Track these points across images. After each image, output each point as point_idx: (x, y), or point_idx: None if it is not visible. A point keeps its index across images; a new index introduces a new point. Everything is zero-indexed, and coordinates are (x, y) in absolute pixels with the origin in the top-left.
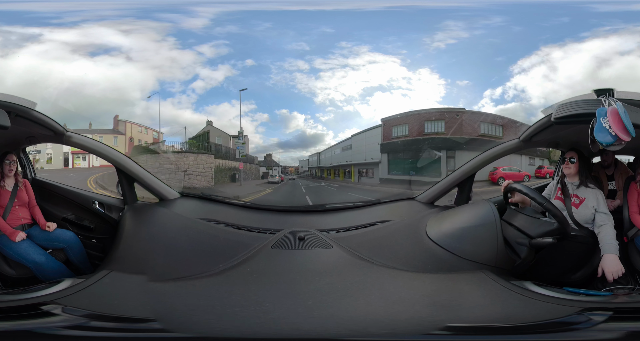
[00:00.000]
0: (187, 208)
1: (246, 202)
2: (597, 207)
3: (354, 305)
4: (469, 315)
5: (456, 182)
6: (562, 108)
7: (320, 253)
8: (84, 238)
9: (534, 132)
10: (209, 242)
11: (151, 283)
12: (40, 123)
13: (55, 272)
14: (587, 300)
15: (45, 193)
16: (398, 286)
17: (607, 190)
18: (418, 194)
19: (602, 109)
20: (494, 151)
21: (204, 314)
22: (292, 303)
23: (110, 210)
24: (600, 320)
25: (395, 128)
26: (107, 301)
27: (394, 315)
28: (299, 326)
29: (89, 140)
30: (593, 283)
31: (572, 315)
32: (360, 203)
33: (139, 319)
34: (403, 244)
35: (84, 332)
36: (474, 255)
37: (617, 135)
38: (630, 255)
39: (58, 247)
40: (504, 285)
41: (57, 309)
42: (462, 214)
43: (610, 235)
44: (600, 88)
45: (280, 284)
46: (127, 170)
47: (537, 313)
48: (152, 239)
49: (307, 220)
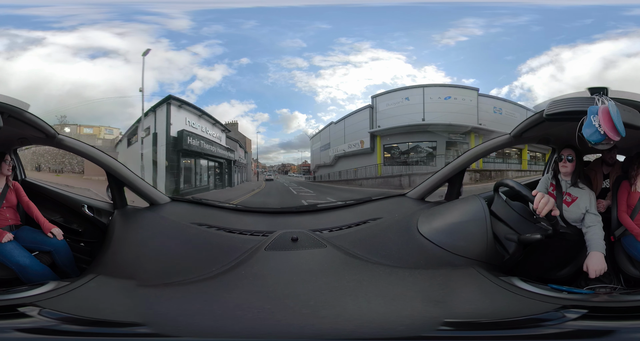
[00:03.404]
0: (178, 213)
1: (237, 205)
2: (589, 208)
3: (356, 303)
4: (461, 311)
5: (446, 178)
6: (554, 105)
7: (314, 253)
8: (72, 242)
9: (525, 127)
10: (201, 246)
11: (140, 288)
12: (33, 125)
13: (39, 275)
14: (568, 297)
15: (34, 196)
16: (393, 283)
17: (600, 188)
18: (409, 190)
19: (594, 107)
20: (484, 146)
21: (202, 318)
22: (294, 304)
23: (100, 214)
24: (572, 318)
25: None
26: (92, 305)
27: (395, 312)
28: (308, 327)
29: (79, 143)
30: (577, 280)
31: (550, 311)
32: (352, 202)
33: (124, 323)
34: (395, 241)
35: (47, 336)
36: (464, 251)
37: (605, 133)
38: (616, 255)
39: (44, 250)
40: (492, 280)
41: (34, 311)
42: (453, 210)
43: (599, 234)
44: (595, 87)
45: (278, 285)
46: (117, 174)
47: (520, 309)
48: (142, 244)
49: (299, 220)
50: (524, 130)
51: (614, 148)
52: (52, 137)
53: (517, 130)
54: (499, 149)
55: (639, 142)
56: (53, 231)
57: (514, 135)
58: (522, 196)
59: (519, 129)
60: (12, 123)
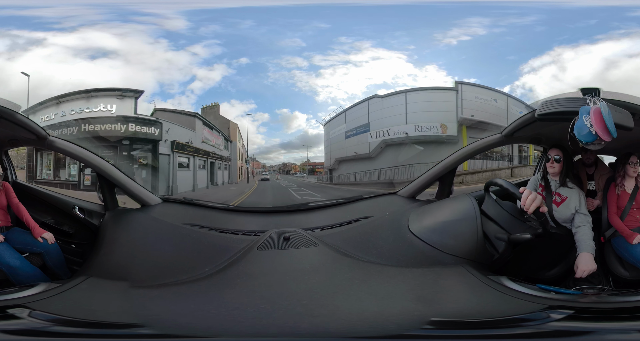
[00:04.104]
0: (170, 214)
1: (229, 205)
2: (579, 208)
3: (348, 302)
4: (449, 310)
5: (437, 176)
6: (546, 105)
7: (306, 251)
8: (63, 243)
9: (516, 127)
10: (193, 246)
11: (133, 289)
12: (24, 127)
13: (30, 277)
14: (555, 297)
15: (25, 197)
16: (384, 281)
17: (586, 190)
18: (399, 189)
19: (586, 108)
20: (475, 145)
21: (198, 318)
22: (288, 303)
23: (91, 215)
24: (556, 318)
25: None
26: (84, 307)
27: (385, 310)
28: (303, 325)
29: (70, 144)
30: (566, 281)
31: (536, 312)
32: (343, 200)
33: (118, 324)
34: (386, 239)
35: (37, 338)
36: (454, 249)
37: (597, 134)
38: (606, 256)
39: (35, 251)
40: (481, 279)
41: (23, 313)
42: (443, 208)
43: (588, 235)
44: (587, 87)
45: (271, 285)
46: (108, 175)
47: (507, 309)
48: (134, 245)
49: (291, 219)
50: (516, 130)
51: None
52: (43, 139)
53: (508, 129)
54: (489, 149)
55: (629, 143)
56: (44, 236)
57: (506, 135)
58: (512, 194)
59: (510, 129)
60: (4, 124)
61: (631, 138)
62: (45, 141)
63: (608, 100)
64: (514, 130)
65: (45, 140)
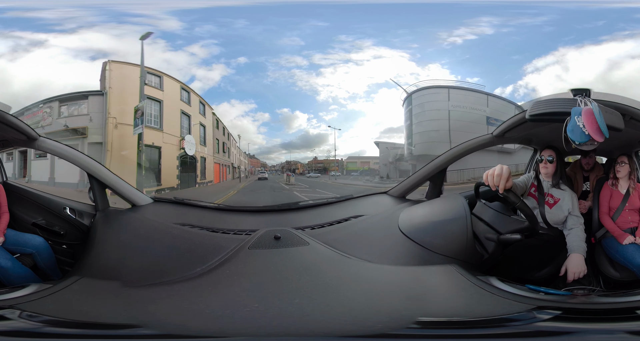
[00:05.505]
0: (160, 213)
1: (220, 205)
2: (572, 210)
3: (338, 301)
4: (437, 309)
5: (428, 176)
6: (537, 105)
7: (297, 251)
8: (54, 244)
9: (507, 127)
10: (185, 246)
11: (125, 289)
12: (15, 128)
13: (21, 277)
14: (544, 298)
15: (16, 198)
16: (374, 280)
17: (581, 191)
18: (390, 189)
19: (577, 109)
20: (466, 145)
21: (191, 318)
22: (280, 302)
23: (82, 216)
24: (543, 318)
25: None
26: (76, 307)
27: (374, 309)
28: (296, 325)
29: (60, 145)
30: (555, 281)
31: (523, 312)
32: (334, 199)
33: (110, 325)
34: (376, 238)
35: (27, 339)
36: (444, 249)
37: (590, 134)
38: (597, 256)
39: (26, 252)
40: (470, 279)
41: (13, 314)
42: (434, 208)
43: (580, 236)
44: (577, 88)
45: (263, 284)
46: (98, 176)
47: (494, 309)
48: (125, 245)
49: (282, 218)
50: (507, 130)
51: (592, 155)
52: (33, 140)
53: (499, 129)
54: (480, 149)
55: (620, 144)
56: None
57: (497, 135)
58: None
59: (501, 129)
60: None
61: (622, 139)
62: (36, 142)
63: (598, 101)
64: (504, 130)
65: (35, 141)
